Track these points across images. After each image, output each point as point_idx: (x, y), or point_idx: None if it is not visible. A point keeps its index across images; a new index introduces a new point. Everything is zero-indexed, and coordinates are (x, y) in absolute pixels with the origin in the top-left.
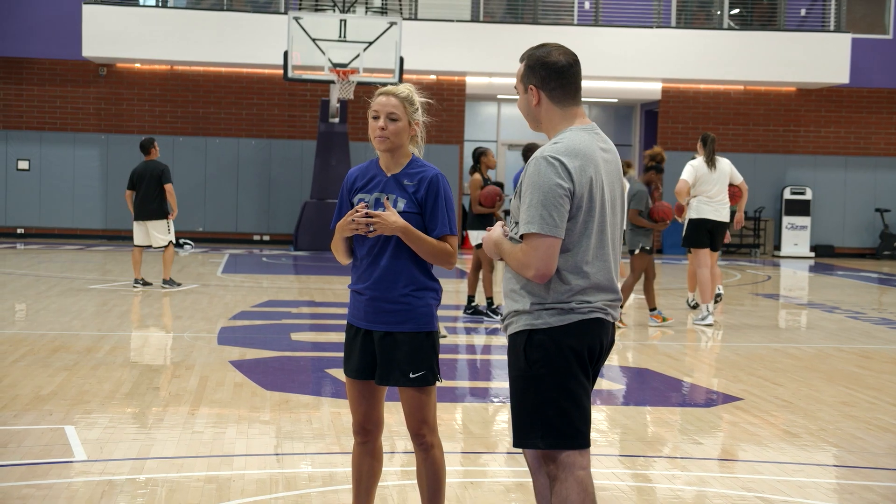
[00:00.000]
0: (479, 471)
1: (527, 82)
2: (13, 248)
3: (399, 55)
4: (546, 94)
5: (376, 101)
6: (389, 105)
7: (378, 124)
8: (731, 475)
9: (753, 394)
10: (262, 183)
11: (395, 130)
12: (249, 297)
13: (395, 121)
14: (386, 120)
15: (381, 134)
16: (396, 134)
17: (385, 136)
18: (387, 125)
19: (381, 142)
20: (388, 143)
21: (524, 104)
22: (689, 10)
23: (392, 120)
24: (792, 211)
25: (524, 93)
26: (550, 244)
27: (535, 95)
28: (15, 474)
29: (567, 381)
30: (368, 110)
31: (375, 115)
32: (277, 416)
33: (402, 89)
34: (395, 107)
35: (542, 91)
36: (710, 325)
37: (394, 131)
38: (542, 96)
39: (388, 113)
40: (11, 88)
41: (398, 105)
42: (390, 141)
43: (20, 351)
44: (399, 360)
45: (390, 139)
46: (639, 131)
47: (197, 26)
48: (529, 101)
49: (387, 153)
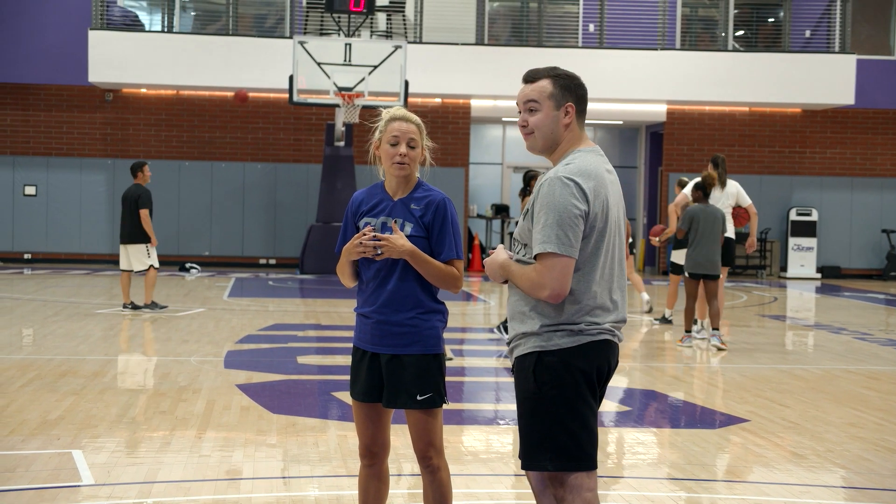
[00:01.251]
0: (486, 493)
1: (563, 101)
2: (20, 273)
3: (404, 78)
4: (576, 114)
5: (394, 127)
6: (410, 132)
7: (399, 150)
8: (738, 497)
9: (760, 415)
10: (267, 207)
11: (414, 157)
12: (256, 321)
13: (414, 148)
14: (406, 147)
15: (401, 160)
16: (413, 160)
17: (405, 163)
18: (407, 152)
19: (400, 168)
20: (407, 170)
21: (550, 122)
22: (693, 31)
23: (411, 147)
24: (798, 232)
25: (554, 110)
26: (566, 264)
27: (571, 115)
28: (23, 499)
29: (576, 402)
30: (378, 133)
31: (395, 142)
32: (284, 440)
33: (415, 115)
34: (415, 133)
35: (576, 111)
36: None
37: (412, 157)
38: (573, 116)
39: (409, 140)
40: (18, 114)
41: (416, 132)
42: (409, 167)
43: (28, 376)
44: (406, 382)
45: (409, 166)
46: (644, 153)
47: (202, 51)
48: (559, 120)
49: (399, 178)
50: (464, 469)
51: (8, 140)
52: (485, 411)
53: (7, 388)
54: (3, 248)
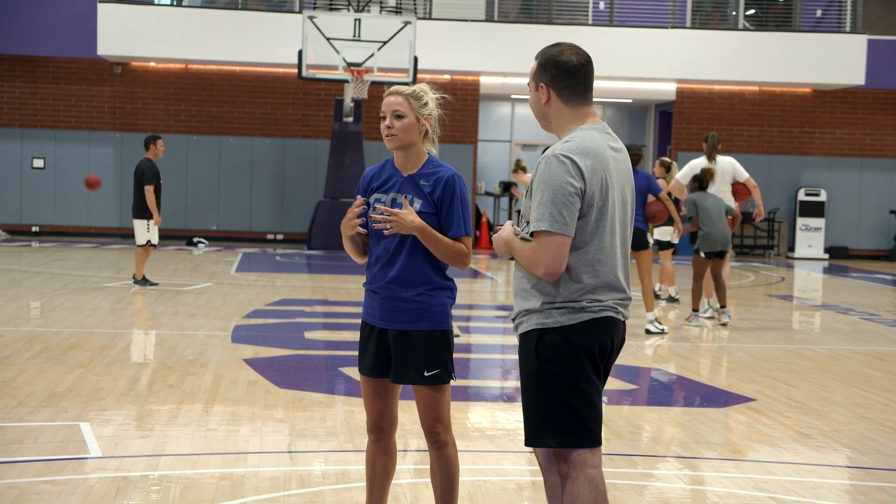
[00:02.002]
0: (492, 469)
1: (538, 80)
2: (28, 246)
3: (413, 55)
4: (556, 92)
5: (384, 102)
6: (394, 103)
7: (385, 123)
8: (744, 476)
9: (766, 395)
10: (275, 182)
11: (402, 127)
12: (263, 296)
13: (401, 117)
14: (392, 118)
15: (388, 132)
16: (404, 130)
17: (392, 134)
18: (392, 123)
19: (389, 140)
20: (397, 141)
21: (535, 102)
22: (704, 10)
23: (397, 117)
24: (806, 212)
25: (535, 90)
26: (560, 242)
27: (545, 93)
28: (31, 470)
29: (578, 379)
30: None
31: (383, 116)
32: (291, 414)
33: (407, 87)
34: (400, 104)
35: (552, 89)
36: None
37: (400, 128)
38: (551, 94)
39: (393, 111)
40: (27, 87)
41: (402, 102)
42: (398, 138)
43: (36, 348)
44: (414, 358)
45: (398, 136)
46: (653, 132)
47: (211, 25)
48: (539, 99)
49: (399, 152)
50: (470, 445)
51: (16, 112)
52: (491, 388)
53: (15, 360)
54: (11, 221)
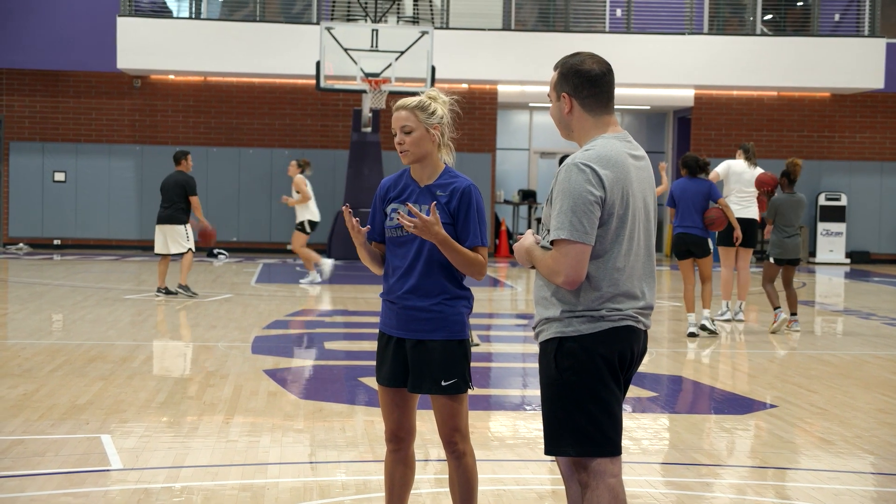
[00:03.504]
0: (512, 478)
1: (560, 90)
2: (50, 259)
3: (431, 64)
4: (578, 102)
5: (392, 119)
6: (401, 119)
7: (396, 140)
8: (766, 482)
9: (788, 401)
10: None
11: (413, 141)
12: (283, 307)
13: (410, 132)
14: (401, 134)
15: (400, 149)
16: (415, 144)
17: (405, 150)
18: (403, 139)
19: (403, 156)
20: (410, 156)
21: (556, 112)
22: (721, 16)
23: (406, 133)
24: (827, 217)
25: (557, 100)
26: (580, 251)
27: (568, 103)
28: (53, 483)
29: (598, 388)
30: None
31: (394, 132)
32: (311, 425)
33: (412, 99)
34: (407, 119)
35: (575, 99)
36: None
37: (411, 143)
38: (574, 104)
39: (402, 126)
40: (47, 101)
41: (409, 116)
42: (411, 153)
43: (57, 361)
44: (431, 368)
45: (410, 151)
46: (672, 138)
47: (230, 38)
48: (562, 109)
49: (416, 164)
50: (490, 455)
51: (38, 126)
52: (511, 397)
53: (37, 372)
54: (33, 234)
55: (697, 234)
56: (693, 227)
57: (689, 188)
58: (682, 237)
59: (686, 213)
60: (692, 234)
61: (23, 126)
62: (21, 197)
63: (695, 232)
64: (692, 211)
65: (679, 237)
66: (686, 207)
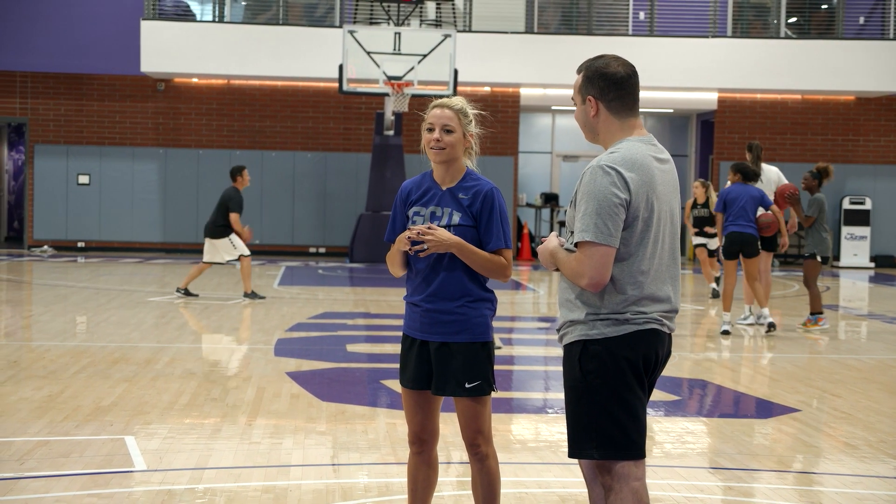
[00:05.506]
0: (535, 481)
1: (585, 93)
2: (74, 262)
3: (453, 67)
4: (604, 105)
5: (431, 114)
6: (444, 117)
7: (433, 136)
8: (789, 487)
9: (812, 405)
10: (317, 196)
11: (451, 142)
12: (305, 309)
13: (451, 132)
14: (441, 132)
15: (436, 145)
16: (452, 146)
17: (441, 147)
18: (442, 137)
19: (436, 153)
20: (444, 155)
21: (582, 115)
22: (745, 19)
23: (447, 132)
24: (851, 221)
25: (582, 104)
26: (604, 253)
27: (594, 106)
28: (77, 484)
29: (622, 391)
30: (422, 123)
31: (430, 128)
32: (333, 427)
33: (456, 101)
34: (450, 119)
35: (601, 102)
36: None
37: (449, 143)
38: (600, 107)
39: (444, 125)
40: (72, 104)
41: (453, 117)
42: (446, 152)
43: (81, 363)
44: (454, 370)
45: (447, 150)
46: (695, 141)
47: (253, 41)
48: (587, 112)
49: (441, 165)
50: (513, 458)
51: (62, 130)
52: (534, 400)
53: (61, 374)
54: (57, 237)
55: (752, 232)
56: (747, 225)
57: (742, 193)
58: (736, 236)
59: (740, 214)
60: (748, 232)
61: (47, 129)
62: (45, 200)
63: (750, 231)
64: (746, 213)
65: (733, 236)
66: (739, 209)
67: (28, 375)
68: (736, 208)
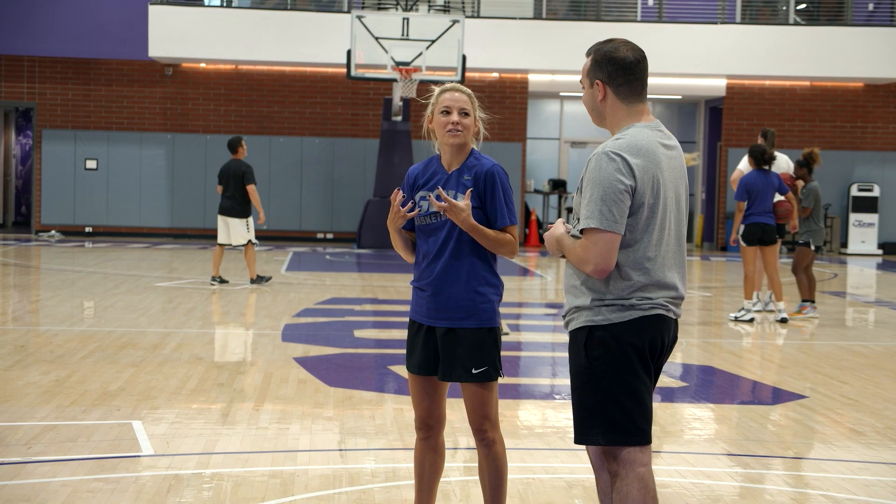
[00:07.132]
0: (542, 467)
1: (593, 77)
2: (82, 247)
3: (462, 53)
4: (612, 89)
5: (446, 97)
6: (461, 101)
7: (451, 118)
8: (796, 473)
9: (819, 392)
10: (325, 181)
11: (467, 125)
12: (313, 295)
13: (467, 115)
14: (459, 115)
15: (453, 128)
16: (467, 128)
17: (458, 130)
18: (460, 119)
19: (454, 135)
20: (462, 137)
21: (589, 99)
22: (754, 5)
23: (464, 114)
24: (859, 208)
25: (590, 87)
26: (610, 239)
27: (602, 91)
28: (84, 468)
29: (628, 377)
30: (431, 106)
31: (447, 111)
32: (341, 413)
33: (466, 88)
34: (466, 102)
35: (609, 87)
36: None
37: (465, 126)
38: (608, 92)
39: (461, 108)
40: (79, 89)
41: (468, 101)
42: (462, 135)
43: (89, 347)
44: (461, 355)
45: (462, 133)
46: (703, 128)
47: (261, 26)
48: (595, 97)
49: (454, 148)
50: (519, 443)
51: (69, 114)
52: (541, 386)
53: (69, 359)
54: (64, 222)
55: (773, 223)
56: (769, 215)
57: (761, 181)
58: (759, 226)
59: (762, 203)
60: (770, 224)
61: (55, 114)
62: (53, 184)
63: (771, 222)
64: (767, 201)
65: (756, 226)
66: (762, 198)
67: (35, 360)
68: (759, 198)
